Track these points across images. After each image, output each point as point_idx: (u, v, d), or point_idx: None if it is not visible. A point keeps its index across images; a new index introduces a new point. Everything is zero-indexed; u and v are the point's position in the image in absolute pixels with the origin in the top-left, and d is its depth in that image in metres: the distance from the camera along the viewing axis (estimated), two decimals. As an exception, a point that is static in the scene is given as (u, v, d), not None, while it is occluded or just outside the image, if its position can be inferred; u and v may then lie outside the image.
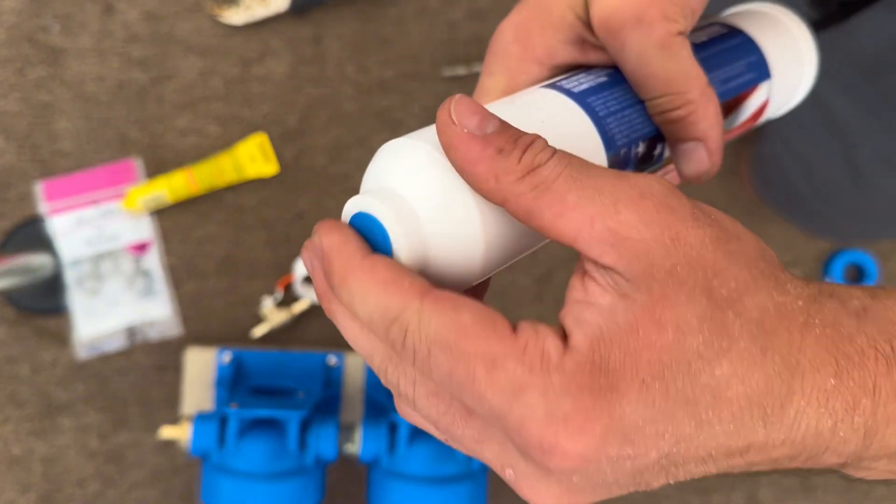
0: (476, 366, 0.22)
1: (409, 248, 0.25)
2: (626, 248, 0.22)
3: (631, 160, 0.29)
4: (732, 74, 0.33)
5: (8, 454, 0.87)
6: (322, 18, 0.88)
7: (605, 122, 0.28)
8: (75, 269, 0.86)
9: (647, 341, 0.22)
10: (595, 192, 0.22)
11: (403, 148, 0.25)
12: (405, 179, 0.25)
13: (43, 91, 0.87)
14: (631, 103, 0.30)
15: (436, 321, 0.22)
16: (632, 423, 0.22)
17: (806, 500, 0.91)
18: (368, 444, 0.74)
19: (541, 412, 0.22)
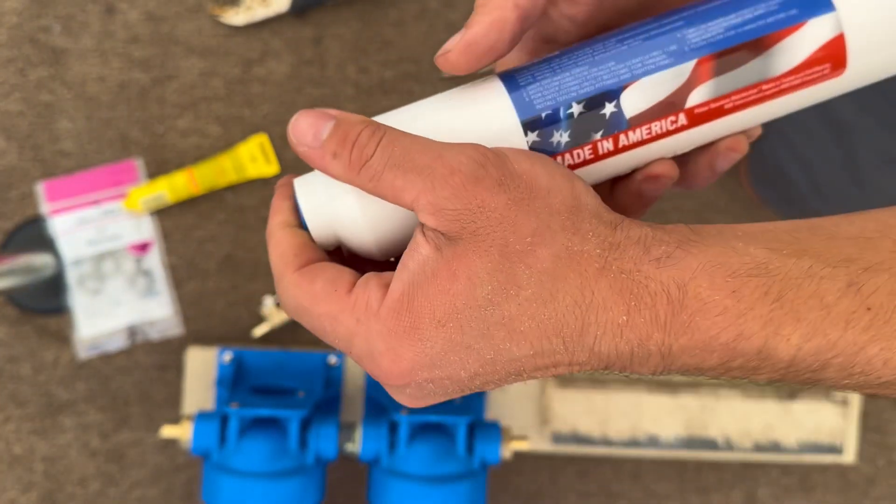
0: (324, 323, 0.29)
1: (314, 226, 0.31)
2: (444, 216, 0.27)
3: (561, 120, 0.30)
4: (754, 14, 0.29)
5: (9, 453, 0.87)
6: (322, 19, 0.89)
7: (524, 90, 0.30)
8: (76, 268, 0.86)
9: (442, 288, 0.27)
10: (415, 174, 0.27)
11: None
12: None
13: (44, 91, 0.88)
14: (566, 68, 0.30)
15: (295, 291, 0.29)
16: (435, 353, 0.27)
17: (804, 498, 0.91)
18: (369, 444, 0.74)
19: (365, 353, 0.28)
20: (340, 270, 0.29)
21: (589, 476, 0.90)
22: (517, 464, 0.90)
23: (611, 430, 0.85)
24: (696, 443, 0.85)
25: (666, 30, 0.30)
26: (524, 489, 0.90)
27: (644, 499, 0.91)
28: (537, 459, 0.90)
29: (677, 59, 0.30)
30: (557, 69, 0.30)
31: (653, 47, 0.30)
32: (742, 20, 0.29)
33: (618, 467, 0.90)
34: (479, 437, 0.74)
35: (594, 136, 0.30)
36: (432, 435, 0.74)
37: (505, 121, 0.30)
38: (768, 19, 0.29)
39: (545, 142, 0.30)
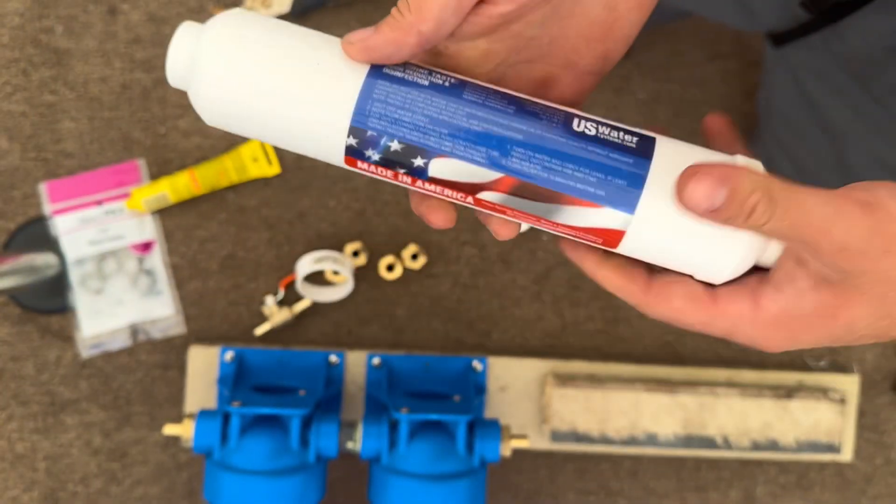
0: (696, 327, 0.32)
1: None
2: (824, 274, 0.29)
3: (380, 145, 0.33)
4: (572, 174, 0.32)
5: (12, 452, 0.88)
6: (323, 20, 0.89)
7: (371, 102, 0.32)
8: (79, 268, 0.87)
9: (822, 323, 0.30)
10: (801, 242, 0.29)
11: None
12: None
13: (47, 92, 0.88)
14: (414, 106, 0.32)
15: (659, 311, 0.33)
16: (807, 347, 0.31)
17: (802, 497, 0.92)
18: (369, 442, 0.75)
19: (746, 341, 0.33)
20: (684, 284, 0.32)
21: (588, 474, 0.91)
22: (517, 462, 0.90)
23: (610, 429, 0.85)
24: (694, 441, 0.86)
25: (501, 135, 0.32)
26: (524, 487, 0.90)
27: (643, 496, 0.91)
28: (537, 457, 0.90)
29: (490, 165, 0.33)
30: (407, 102, 0.32)
31: (482, 141, 0.32)
32: (560, 169, 0.32)
33: (617, 465, 0.91)
34: (478, 435, 0.75)
35: (398, 169, 0.33)
36: (432, 433, 0.74)
37: (339, 115, 0.33)
38: (578, 185, 0.32)
39: (358, 149, 0.33)
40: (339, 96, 0.32)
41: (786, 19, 0.56)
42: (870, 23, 0.50)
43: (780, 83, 0.63)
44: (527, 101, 0.33)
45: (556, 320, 0.90)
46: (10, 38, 0.88)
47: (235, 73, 0.32)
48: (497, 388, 0.87)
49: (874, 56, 0.52)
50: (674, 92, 0.91)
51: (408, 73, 0.33)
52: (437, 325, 0.90)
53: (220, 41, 0.32)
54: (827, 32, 0.54)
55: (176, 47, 0.33)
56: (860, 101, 0.56)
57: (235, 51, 0.32)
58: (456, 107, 0.32)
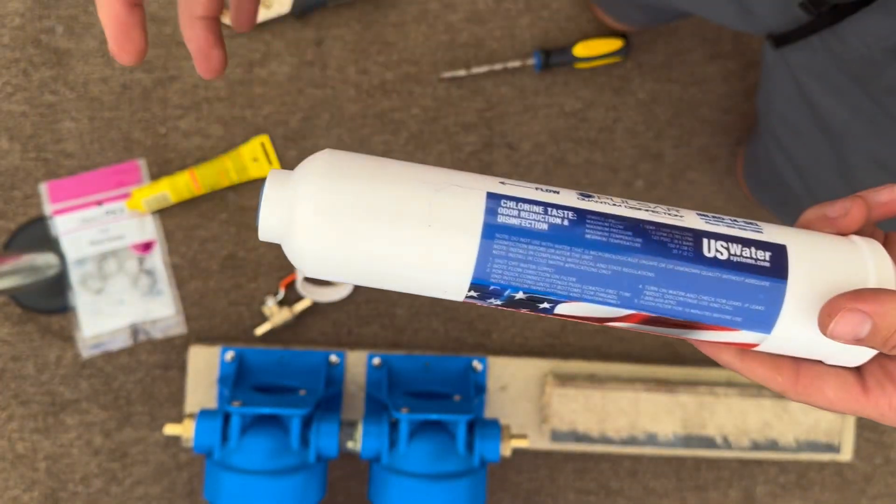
0: (845, 412, 0.34)
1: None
2: None
3: (503, 296, 0.31)
4: (708, 305, 0.31)
5: (13, 451, 0.88)
6: (323, 21, 0.89)
7: (491, 261, 0.31)
8: (80, 268, 0.87)
9: None
10: None
11: None
12: None
13: (47, 92, 0.88)
14: (536, 259, 0.31)
15: (809, 400, 0.34)
16: None
17: (802, 496, 0.92)
18: (369, 442, 0.75)
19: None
20: (835, 376, 0.33)
21: (587, 473, 0.91)
22: (516, 461, 0.90)
23: (609, 429, 0.85)
24: (693, 441, 0.86)
25: (632, 275, 0.31)
26: (524, 486, 0.90)
27: (642, 496, 0.91)
28: (536, 457, 0.90)
29: (623, 304, 0.31)
30: (529, 255, 0.31)
31: (612, 284, 0.31)
32: (695, 302, 0.31)
33: (616, 465, 0.91)
34: (478, 435, 0.75)
35: (522, 309, 0.32)
36: (432, 433, 0.74)
37: (458, 276, 0.31)
38: (714, 314, 0.31)
39: (479, 298, 0.32)
40: (457, 258, 0.30)
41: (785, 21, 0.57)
42: (869, 24, 0.51)
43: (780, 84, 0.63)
44: (652, 228, 0.31)
45: (555, 320, 0.90)
46: (11, 39, 0.88)
47: (340, 232, 0.30)
48: (497, 388, 0.87)
49: (873, 57, 0.52)
50: (674, 92, 0.91)
51: (524, 216, 0.31)
52: (437, 324, 0.90)
53: (319, 197, 0.30)
54: (826, 34, 0.54)
55: (268, 204, 0.31)
56: (859, 102, 0.56)
57: (338, 209, 0.30)
58: (581, 252, 0.31)
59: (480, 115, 0.90)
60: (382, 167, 0.31)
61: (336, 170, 0.30)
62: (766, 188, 0.78)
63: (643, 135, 0.91)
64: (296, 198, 0.30)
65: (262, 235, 0.31)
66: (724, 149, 0.91)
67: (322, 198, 0.30)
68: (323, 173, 0.30)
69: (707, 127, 0.91)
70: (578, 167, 0.90)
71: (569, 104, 0.90)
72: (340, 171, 0.30)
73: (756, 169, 0.79)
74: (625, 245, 0.31)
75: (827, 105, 0.59)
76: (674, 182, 0.91)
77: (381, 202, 0.30)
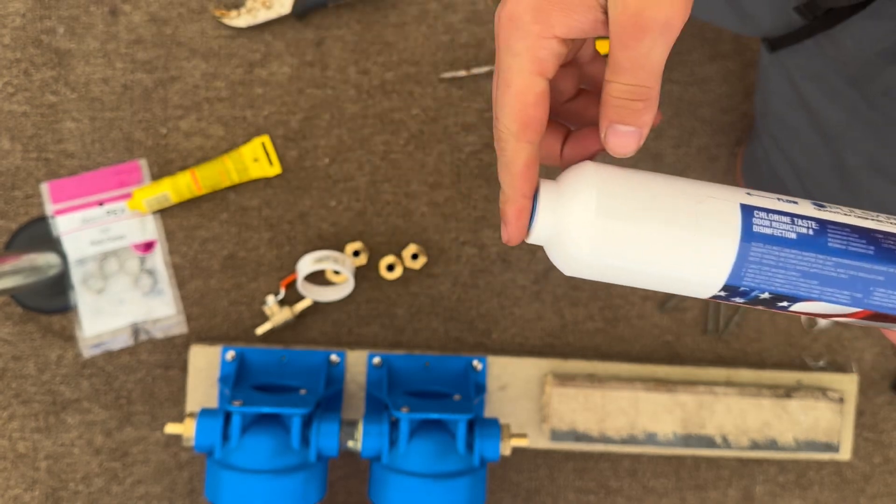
0: None
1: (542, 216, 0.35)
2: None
3: (749, 295, 0.35)
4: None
5: (14, 451, 0.88)
6: (324, 21, 0.90)
7: (745, 267, 0.35)
8: (81, 268, 0.87)
9: None
10: None
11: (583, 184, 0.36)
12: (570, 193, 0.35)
13: (48, 92, 0.88)
14: (784, 264, 0.35)
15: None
16: None
17: (801, 496, 0.92)
18: (369, 441, 0.75)
19: None
20: None
21: (587, 473, 0.91)
22: (516, 461, 0.90)
23: (609, 428, 0.86)
24: (693, 440, 0.86)
25: (865, 279, 0.35)
26: (523, 486, 0.91)
27: (642, 495, 0.91)
28: (536, 456, 0.90)
29: (853, 304, 0.35)
30: (780, 261, 0.35)
31: (847, 287, 0.35)
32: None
33: (616, 464, 0.91)
34: (478, 434, 0.75)
35: (758, 306, 0.36)
36: (432, 432, 0.75)
37: (715, 277, 0.35)
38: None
39: (726, 297, 0.36)
40: (716, 262, 0.34)
41: (781, 24, 0.57)
42: (863, 28, 0.51)
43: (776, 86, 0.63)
44: (881, 237, 0.35)
45: (555, 320, 0.91)
46: (12, 39, 0.88)
47: (609, 242, 0.34)
48: (497, 388, 0.87)
49: (868, 60, 0.52)
50: (674, 92, 0.91)
51: (775, 226, 0.35)
52: (437, 324, 0.90)
53: (600, 202, 0.34)
54: (821, 37, 0.55)
55: (544, 209, 0.35)
56: (855, 104, 0.56)
57: (617, 213, 0.34)
58: (824, 258, 0.35)
59: (480, 115, 0.90)
60: (646, 179, 0.35)
61: (607, 180, 0.34)
62: (764, 188, 0.78)
63: (643, 135, 0.91)
64: (573, 204, 0.34)
65: (532, 238, 0.36)
66: (724, 149, 0.92)
67: (602, 202, 0.34)
68: (597, 183, 0.34)
69: (707, 127, 0.91)
70: (578, 167, 0.90)
71: (568, 104, 0.90)
72: (612, 181, 0.34)
73: (755, 169, 0.79)
74: (860, 252, 0.35)
75: (823, 107, 0.59)
76: (673, 182, 0.91)
77: (652, 210, 0.34)
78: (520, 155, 0.33)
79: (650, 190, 0.34)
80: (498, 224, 0.90)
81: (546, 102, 0.33)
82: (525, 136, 0.33)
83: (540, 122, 0.33)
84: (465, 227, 0.90)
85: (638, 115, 0.33)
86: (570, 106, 0.38)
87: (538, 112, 0.33)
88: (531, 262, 0.90)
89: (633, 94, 0.32)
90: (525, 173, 0.34)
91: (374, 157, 0.89)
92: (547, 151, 0.37)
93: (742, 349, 0.92)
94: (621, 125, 0.33)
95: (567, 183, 0.35)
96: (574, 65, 0.37)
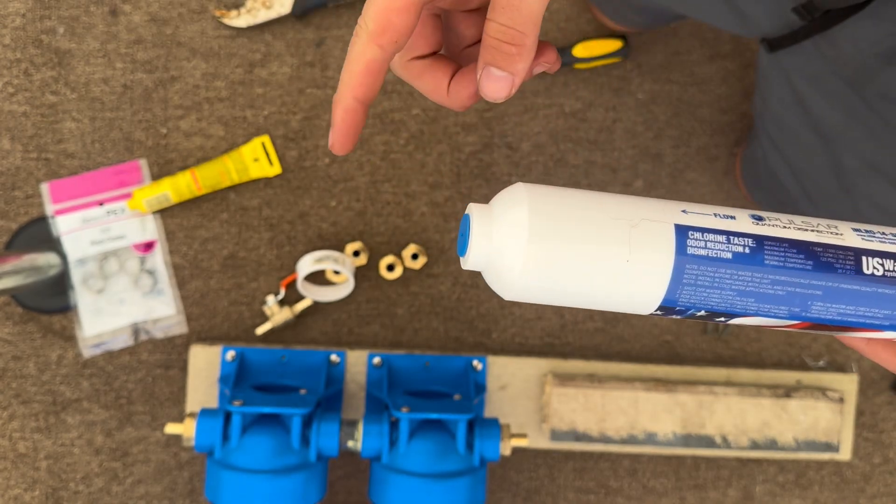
0: None
1: (475, 244, 0.35)
2: None
3: (686, 313, 0.35)
4: (863, 314, 0.36)
5: (14, 451, 0.88)
6: (324, 21, 0.90)
7: (681, 288, 0.34)
8: (81, 268, 0.87)
9: None
10: None
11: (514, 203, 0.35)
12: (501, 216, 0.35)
13: (48, 92, 0.88)
14: (720, 285, 0.35)
15: None
16: None
17: (801, 496, 0.92)
18: (370, 441, 0.75)
19: None
20: None
21: (587, 472, 0.91)
22: (516, 460, 0.91)
23: (609, 428, 0.86)
24: (693, 440, 0.86)
25: (803, 293, 0.35)
26: (523, 485, 0.91)
27: (641, 495, 0.91)
28: (536, 456, 0.91)
29: (791, 317, 0.35)
30: (715, 281, 0.34)
31: (784, 302, 0.35)
32: (852, 312, 0.35)
33: (616, 464, 0.91)
34: (478, 434, 0.75)
35: (697, 319, 0.36)
36: (432, 432, 0.75)
37: (650, 299, 0.35)
38: (866, 321, 0.36)
39: (663, 314, 0.36)
40: (650, 284, 0.34)
41: (779, 25, 0.57)
42: (861, 29, 0.51)
43: (775, 87, 0.63)
44: (820, 250, 0.35)
45: (555, 319, 0.91)
46: (12, 39, 0.88)
47: (543, 265, 0.33)
48: (497, 387, 0.87)
49: (866, 62, 0.52)
50: (673, 92, 0.91)
51: (710, 246, 0.34)
52: (437, 324, 0.90)
53: (531, 228, 0.33)
54: (819, 39, 0.55)
55: (476, 237, 0.34)
56: (852, 106, 0.56)
57: (548, 238, 0.33)
58: (760, 276, 0.34)
59: (480, 115, 0.90)
60: (579, 199, 0.35)
61: (539, 201, 0.34)
62: (763, 188, 0.78)
63: (642, 135, 0.91)
64: (504, 229, 0.34)
65: (468, 265, 0.35)
66: (723, 149, 0.92)
67: (534, 224, 0.33)
68: (528, 206, 0.34)
69: (706, 127, 0.92)
70: (578, 167, 0.91)
71: (568, 105, 0.91)
72: (544, 201, 0.34)
73: (754, 169, 0.79)
74: (798, 268, 0.35)
75: (821, 108, 0.59)
76: (673, 182, 0.91)
77: (585, 232, 0.34)
78: (365, 55, 0.33)
79: (584, 210, 0.34)
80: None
81: (412, 16, 0.32)
82: (379, 39, 0.32)
83: (398, 32, 0.32)
84: (465, 227, 0.90)
85: (511, 61, 0.33)
86: (469, 51, 0.38)
87: (400, 20, 0.32)
88: (531, 262, 0.90)
89: (507, 35, 0.32)
90: (364, 75, 0.33)
91: (374, 157, 0.90)
92: (435, 86, 0.37)
93: (742, 349, 0.92)
94: (495, 69, 0.33)
95: (498, 205, 0.35)
96: (481, 15, 0.37)
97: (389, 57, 0.33)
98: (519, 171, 0.90)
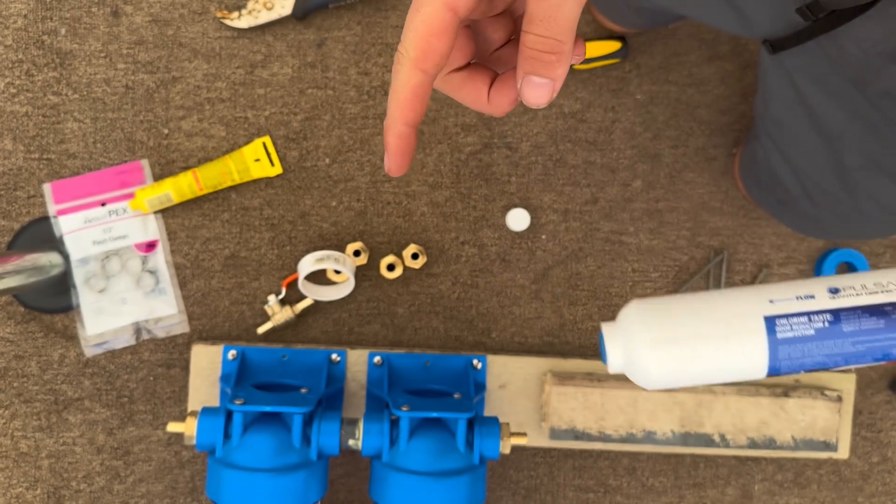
0: None
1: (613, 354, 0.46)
2: None
3: (790, 374, 0.44)
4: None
5: (16, 449, 0.88)
6: (325, 23, 0.90)
7: (779, 363, 0.43)
8: (83, 267, 0.87)
9: None
10: None
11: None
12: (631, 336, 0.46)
13: (50, 93, 0.89)
14: (819, 339, 0.43)
15: None
16: None
17: (799, 494, 0.93)
18: (370, 439, 0.75)
19: None
20: None
21: (586, 471, 0.91)
22: (516, 459, 0.91)
23: (608, 426, 0.86)
24: (691, 439, 0.86)
25: (881, 346, 0.43)
26: (523, 484, 0.91)
27: (640, 494, 0.92)
28: (536, 454, 0.91)
29: (876, 361, 0.43)
30: (805, 353, 0.43)
31: (866, 355, 0.43)
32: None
33: (615, 462, 0.91)
34: (478, 432, 0.75)
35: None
36: (433, 430, 0.75)
37: (758, 372, 0.43)
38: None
39: (774, 375, 0.44)
40: (754, 365, 0.43)
41: (782, 26, 0.57)
42: (866, 30, 0.51)
43: (776, 87, 0.63)
44: (889, 308, 0.43)
45: (554, 319, 0.91)
46: (14, 40, 0.89)
47: (668, 364, 0.43)
48: (496, 386, 0.87)
49: (870, 62, 0.53)
50: (672, 93, 0.92)
51: (795, 329, 0.43)
52: (438, 323, 0.90)
53: (644, 344, 0.44)
54: (823, 39, 0.55)
55: (611, 352, 0.45)
56: (856, 105, 0.56)
57: (659, 350, 0.43)
58: (842, 342, 0.43)
59: (480, 116, 0.90)
60: (681, 307, 0.45)
61: (650, 316, 0.45)
62: (762, 188, 0.79)
63: (641, 136, 0.92)
64: (630, 341, 0.44)
65: (613, 370, 0.45)
66: (722, 149, 0.92)
67: (653, 338, 0.44)
68: (644, 321, 0.44)
69: (705, 128, 0.92)
70: (577, 168, 0.91)
71: (567, 105, 0.91)
72: (654, 316, 0.45)
73: (753, 169, 0.79)
74: (872, 328, 0.43)
75: (823, 108, 0.59)
76: (671, 182, 0.92)
77: (692, 335, 0.43)
78: (410, 81, 0.34)
79: (688, 317, 0.44)
80: (497, 223, 0.91)
81: (450, 38, 0.33)
82: (421, 64, 0.33)
83: (439, 55, 0.33)
84: (465, 226, 0.90)
85: (550, 68, 0.33)
86: (499, 53, 0.39)
87: (440, 44, 0.33)
88: (530, 261, 0.91)
89: (546, 45, 0.33)
90: (411, 101, 0.34)
91: (374, 157, 0.90)
92: (475, 96, 0.38)
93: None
94: (535, 76, 0.34)
95: (622, 323, 0.45)
96: (507, 17, 0.38)
97: (432, 80, 0.34)
98: (518, 171, 0.90)
